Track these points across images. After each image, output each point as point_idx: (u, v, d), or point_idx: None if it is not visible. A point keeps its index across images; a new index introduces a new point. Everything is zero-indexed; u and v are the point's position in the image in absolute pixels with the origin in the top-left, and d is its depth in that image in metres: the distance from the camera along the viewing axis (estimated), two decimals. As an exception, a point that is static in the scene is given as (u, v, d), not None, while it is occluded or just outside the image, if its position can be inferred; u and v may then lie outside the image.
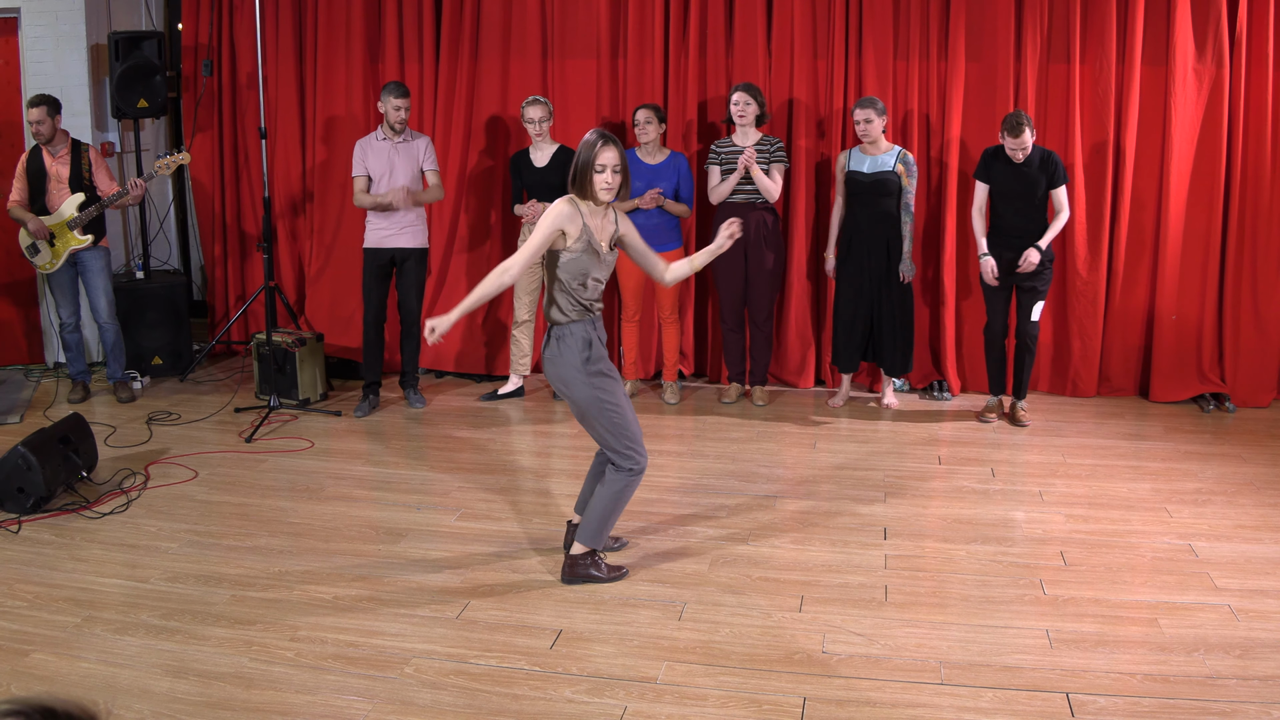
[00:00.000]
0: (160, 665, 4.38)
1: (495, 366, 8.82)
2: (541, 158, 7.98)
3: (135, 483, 6.43)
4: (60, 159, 7.81)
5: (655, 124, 7.73)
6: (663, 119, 7.85)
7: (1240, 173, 7.92)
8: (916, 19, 8.09)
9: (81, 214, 7.75)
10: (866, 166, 7.66)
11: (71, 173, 7.81)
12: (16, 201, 7.82)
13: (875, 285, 7.80)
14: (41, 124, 7.67)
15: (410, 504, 6.19)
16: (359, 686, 4.24)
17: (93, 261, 7.93)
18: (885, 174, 7.61)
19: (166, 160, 7.74)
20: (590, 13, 8.47)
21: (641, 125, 7.74)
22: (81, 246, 7.83)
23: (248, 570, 5.28)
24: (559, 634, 4.68)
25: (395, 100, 7.66)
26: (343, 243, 8.82)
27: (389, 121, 7.70)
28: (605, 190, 4.91)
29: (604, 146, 4.88)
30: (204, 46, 9.12)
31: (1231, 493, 6.37)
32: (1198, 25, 7.79)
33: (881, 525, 5.88)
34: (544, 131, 7.92)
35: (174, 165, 7.78)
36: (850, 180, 7.73)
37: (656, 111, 7.76)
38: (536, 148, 8.01)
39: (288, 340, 7.98)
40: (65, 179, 7.80)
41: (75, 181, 7.82)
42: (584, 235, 4.92)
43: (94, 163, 7.93)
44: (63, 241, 7.79)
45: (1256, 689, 4.23)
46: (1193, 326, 8.14)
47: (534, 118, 7.85)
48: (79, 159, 7.86)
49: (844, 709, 4.11)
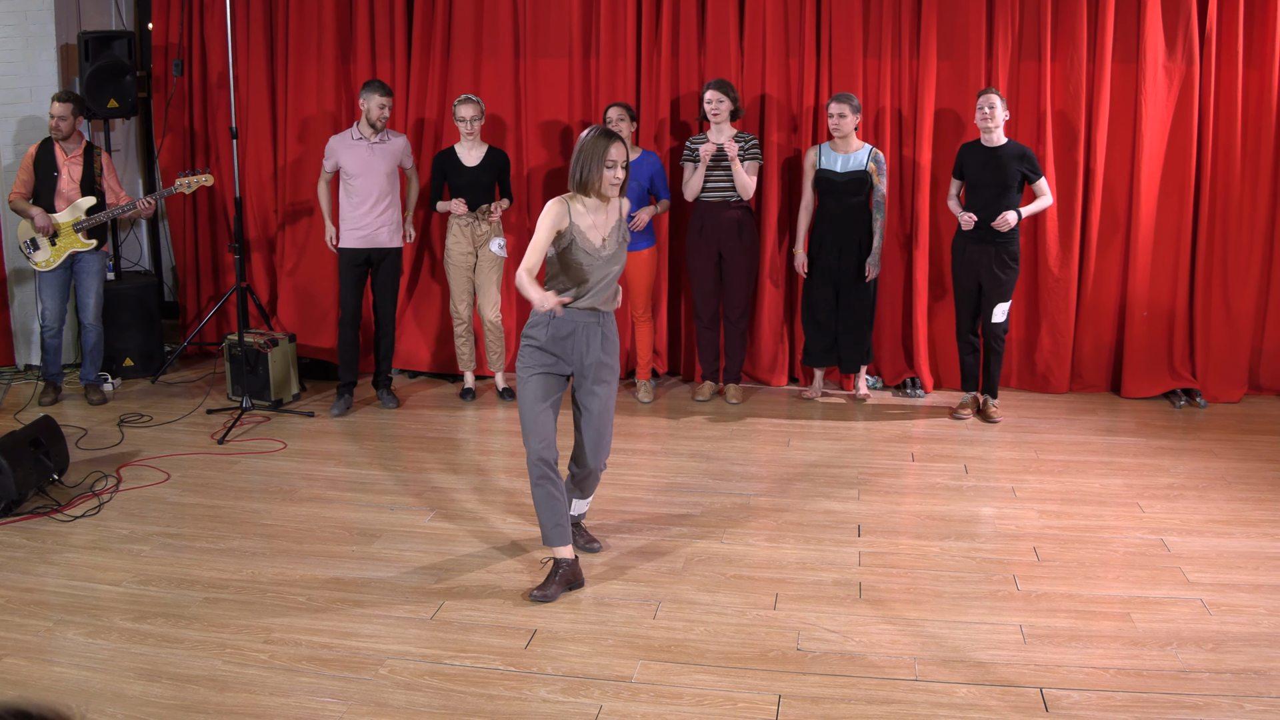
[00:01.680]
0: (133, 669, 4.36)
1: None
2: (472, 157, 7.92)
3: (107, 485, 6.39)
4: (74, 158, 7.78)
5: (627, 122, 7.70)
6: (634, 117, 7.81)
7: (1210, 170, 7.96)
8: (888, 17, 8.11)
9: (90, 218, 7.71)
10: (839, 165, 7.67)
11: (84, 174, 7.77)
12: (19, 194, 7.76)
13: (844, 283, 7.82)
14: (64, 120, 7.66)
15: (384, 505, 6.17)
16: (333, 688, 4.23)
17: (91, 264, 7.90)
18: (859, 173, 7.63)
19: (189, 180, 7.72)
20: (562, 12, 8.45)
21: (614, 123, 7.69)
22: (84, 249, 7.80)
23: (221, 572, 5.26)
24: (534, 634, 4.67)
25: (379, 99, 7.63)
26: (315, 243, 8.78)
27: (370, 120, 7.66)
28: (613, 186, 4.93)
29: (611, 142, 4.88)
30: (174, 46, 9.06)
31: (1203, 488, 6.41)
32: (1168, 23, 7.83)
33: (855, 522, 5.90)
34: (475, 131, 7.86)
35: (195, 185, 7.77)
36: (822, 179, 7.72)
37: (628, 110, 7.73)
38: (466, 147, 7.94)
39: (260, 341, 7.94)
40: (78, 179, 7.77)
41: (87, 183, 7.78)
42: (569, 234, 4.92)
43: (105, 167, 7.91)
44: (66, 241, 7.75)
45: (1229, 682, 4.26)
46: (1164, 322, 8.18)
47: (466, 116, 7.78)
48: (91, 161, 7.83)
49: (819, 706, 4.12)
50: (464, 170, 7.89)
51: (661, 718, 4.07)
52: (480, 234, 7.97)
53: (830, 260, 7.80)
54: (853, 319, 7.86)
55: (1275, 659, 4.44)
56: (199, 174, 7.80)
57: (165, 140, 9.17)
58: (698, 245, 7.87)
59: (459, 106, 7.80)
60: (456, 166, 7.91)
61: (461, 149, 7.94)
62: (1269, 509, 6.04)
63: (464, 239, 7.96)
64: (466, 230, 7.95)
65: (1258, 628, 4.71)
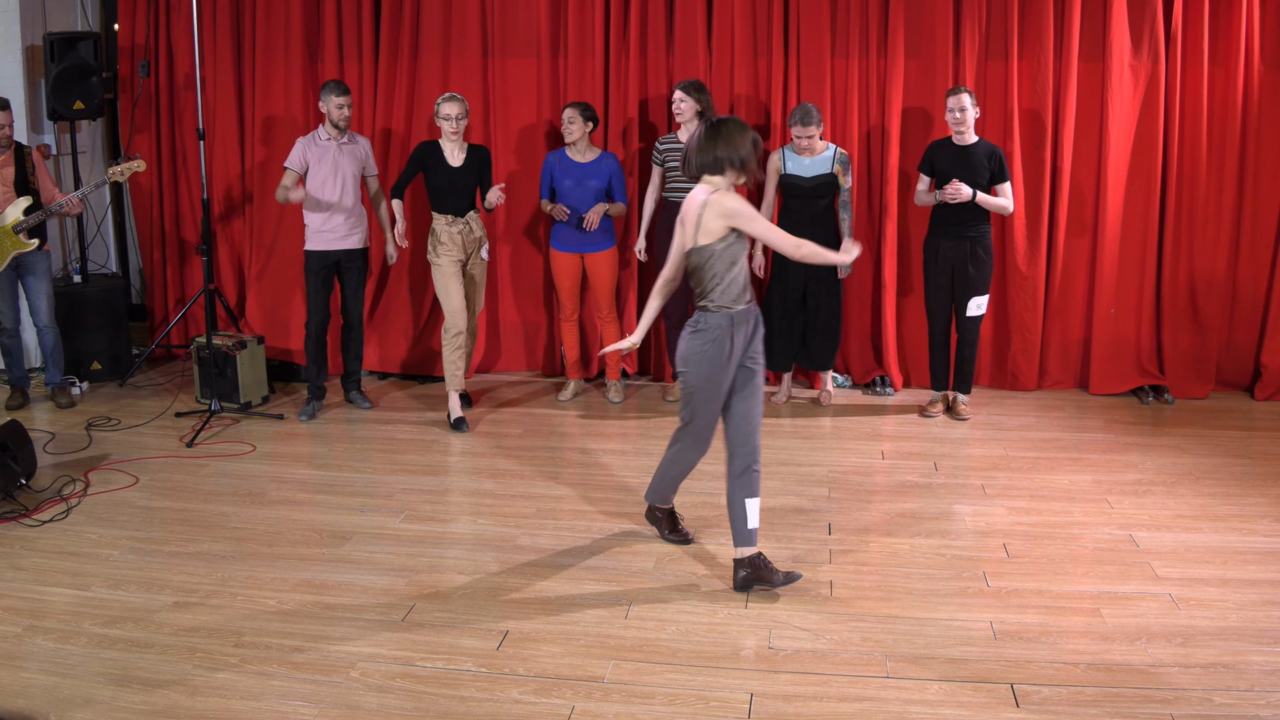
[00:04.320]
0: (103, 674, 4.33)
1: (440, 368, 8.76)
2: (457, 158, 7.57)
3: (75, 489, 6.35)
4: (4, 161, 7.67)
5: (580, 123, 7.67)
6: (589, 118, 7.76)
7: (1176, 167, 8.02)
8: (856, 17, 8.13)
9: (28, 218, 7.62)
10: (806, 170, 7.66)
11: (16, 175, 7.68)
12: None
13: (811, 285, 7.83)
14: (5, 127, 7.56)
15: (354, 507, 6.15)
16: (304, 691, 4.22)
17: (36, 264, 7.80)
18: (826, 176, 7.63)
19: (120, 167, 7.62)
20: (530, 12, 8.44)
21: (565, 124, 7.69)
22: (26, 250, 7.71)
23: (190, 576, 5.23)
24: (505, 635, 4.67)
25: (337, 99, 7.55)
26: (283, 244, 8.74)
27: (332, 120, 7.59)
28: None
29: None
30: (141, 47, 9.01)
31: (1171, 483, 6.45)
32: (1134, 22, 7.88)
33: (826, 520, 5.91)
34: (460, 130, 7.50)
35: (128, 172, 7.64)
36: (788, 183, 7.71)
37: (582, 110, 7.70)
38: (452, 146, 7.56)
39: (228, 343, 7.90)
40: (10, 181, 7.65)
41: (20, 184, 7.69)
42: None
43: (37, 165, 7.81)
44: (7, 244, 7.66)
45: (1198, 676, 4.30)
46: (1131, 319, 8.23)
47: (451, 114, 7.42)
48: (22, 161, 7.72)
49: (790, 704, 4.13)
50: (448, 170, 7.54)
51: (634, 717, 4.07)
52: (471, 240, 7.65)
53: (795, 264, 7.78)
54: (821, 320, 7.87)
55: (1244, 652, 4.48)
56: (130, 160, 7.68)
57: (132, 142, 9.11)
58: (666, 244, 7.87)
59: (444, 104, 7.46)
60: (441, 164, 7.54)
61: (447, 147, 7.58)
62: (1236, 504, 6.09)
63: (455, 247, 7.55)
64: (458, 237, 7.57)
65: (1226, 622, 4.75)
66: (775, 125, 8.28)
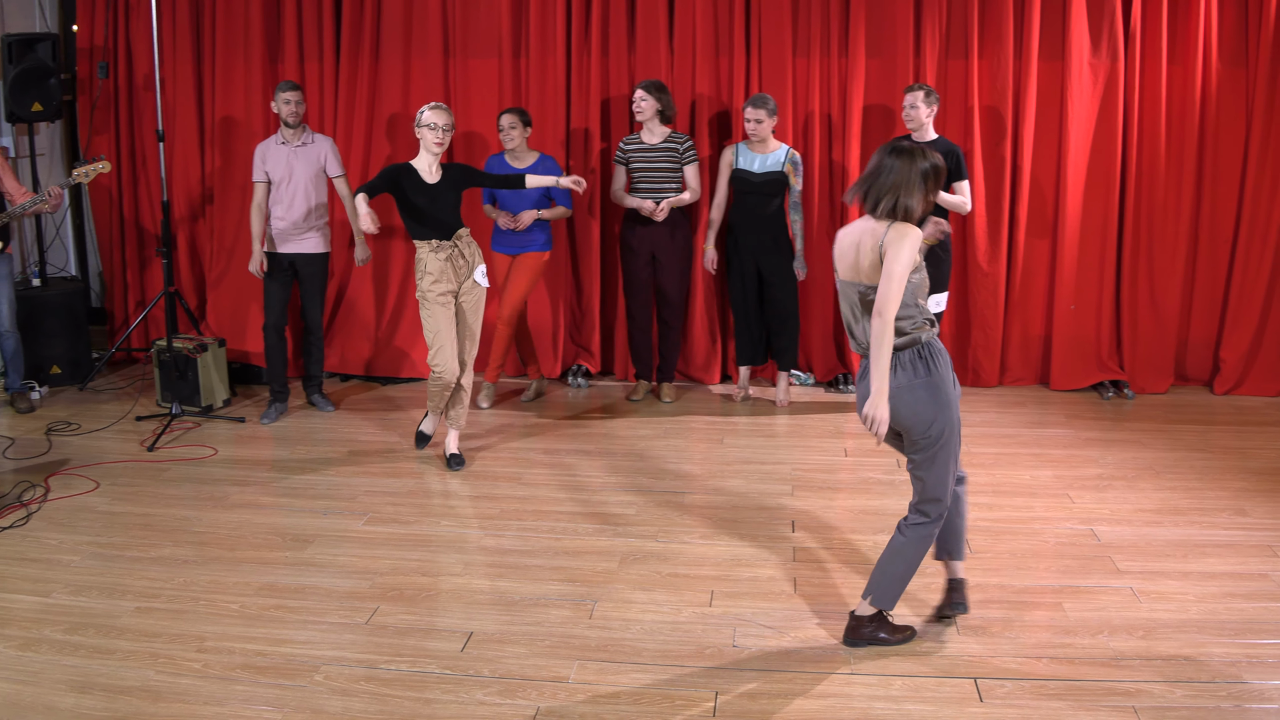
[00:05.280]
0: (65, 680, 4.30)
1: (403, 369, 8.75)
2: (433, 173, 6.52)
3: (35, 495, 6.29)
4: None
5: (520, 129, 7.59)
6: (528, 123, 7.67)
7: (1135, 164, 8.08)
8: (817, 16, 8.15)
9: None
10: (756, 166, 7.67)
11: None
12: None
13: (763, 283, 7.85)
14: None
15: (317, 510, 6.13)
16: (268, 696, 4.20)
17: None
18: (776, 174, 7.64)
19: (85, 169, 7.52)
20: (492, 12, 8.42)
21: (505, 130, 7.58)
22: None
23: (152, 581, 5.20)
24: (469, 636, 4.66)
25: (284, 94, 7.46)
26: (244, 246, 8.67)
27: (284, 119, 7.52)
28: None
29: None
30: (99, 48, 8.94)
31: (1132, 478, 6.50)
32: (1093, 20, 7.93)
33: (789, 518, 5.93)
34: (445, 143, 6.54)
35: (93, 174, 7.53)
36: (739, 179, 7.73)
37: (521, 115, 7.62)
38: (429, 162, 6.51)
39: (189, 346, 7.84)
40: None
41: None
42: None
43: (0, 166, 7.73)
44: None
45: (1160, 669, 4.34)
46: (1091, 315, 8.29)
47: (438, 123, 6.41)
48: None
49: (756, 701, 4.14)
50: (426, 189, 6.46)
51: (599, 717, 4.07)
52: (461, 266, 6.60)
53: (748, 261, 7.81)
54: (778, 318, 7.89)
55: (1204, 644, 4.52)
56: (95, 161, 7.58)
57: (91, 144, 9.04)
58: (630, 246, 7.86)
59: (430, 113, 6.44)
60: (417, 184, 6.44)
61: (422, 165, 6.51)
62: (1196, 498, 6.14)
63: (446, 276, 6.52)
64: (448, 266, 6.52)
65: (1186, 614, 4.79)
66: (737, 126, 8.29)
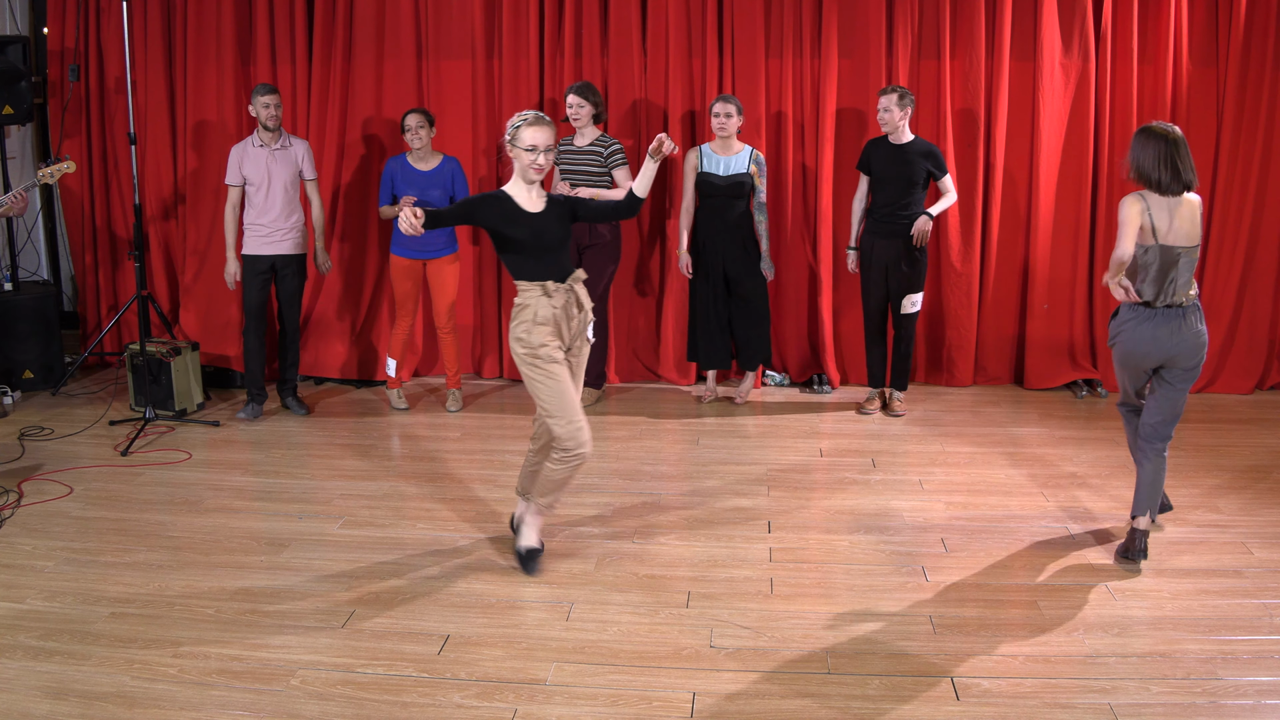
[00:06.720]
0: (40, 687, 4.27)
1: (377, 372, 8.73)
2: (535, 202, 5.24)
3: (8, 501, 6.24)
4: None
5: (427, 129, 7.60)
6: (433, 123, 7.72)
7: (1107, 163, 8.13)
8: (789, 17, 8.18)
9: None
10: (721, 169, 7.68)
11: None
12: None
13: (731, 285, 7.86)
14: None
15: (292, 513, 6.10)
16: (244, 701, 4.18)
17: None
18: (740, 176, 7.65)
19: (50, 169, 7.45)
20: (465, 13, 8.42)
21: (413, 130, 7.58)
22: None
23: (127, 587, 5.17)
24: (446, 639, 4.65)
25: (263, 98, 7.47)
26: (217, 249, 8.63)
27: (262, 122, 7.52)
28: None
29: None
30: (71, 51, 8.89)
31: (1105, 476, 6.54)
32: (1064, 21, 7.99)
33: (765, 519, 5.94)
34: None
35: (58, 174, 7.44)
36: (704, 182, 7.73)
37: (427, 116, 7.64)
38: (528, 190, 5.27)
39: (162, 350, 7.80)
40: None
41: None
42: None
43: None
44: None
45: (1135, 665, 4.36)
46: (1064, 314, 8.33)
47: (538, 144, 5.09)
48: None
49: (733, 702, 4.14)
50: (529, 219, 5.22)
51: (577, 719, 4.07)
52: (575, 316, 5.22)
53: (714, 263, 7.81)
54: (750, 319, 7.90)
55: (1179, 641, 4.55)
56: (60, 161, 7.50)
57: (62, 147, 8.99)
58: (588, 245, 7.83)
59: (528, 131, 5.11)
60: (516, 214, 5.19)
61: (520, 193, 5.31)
62: (1170, 495, 6.16)
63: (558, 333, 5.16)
64: (562, 315, 5.14)
65: (1161, 611, 4.82)
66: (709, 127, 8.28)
